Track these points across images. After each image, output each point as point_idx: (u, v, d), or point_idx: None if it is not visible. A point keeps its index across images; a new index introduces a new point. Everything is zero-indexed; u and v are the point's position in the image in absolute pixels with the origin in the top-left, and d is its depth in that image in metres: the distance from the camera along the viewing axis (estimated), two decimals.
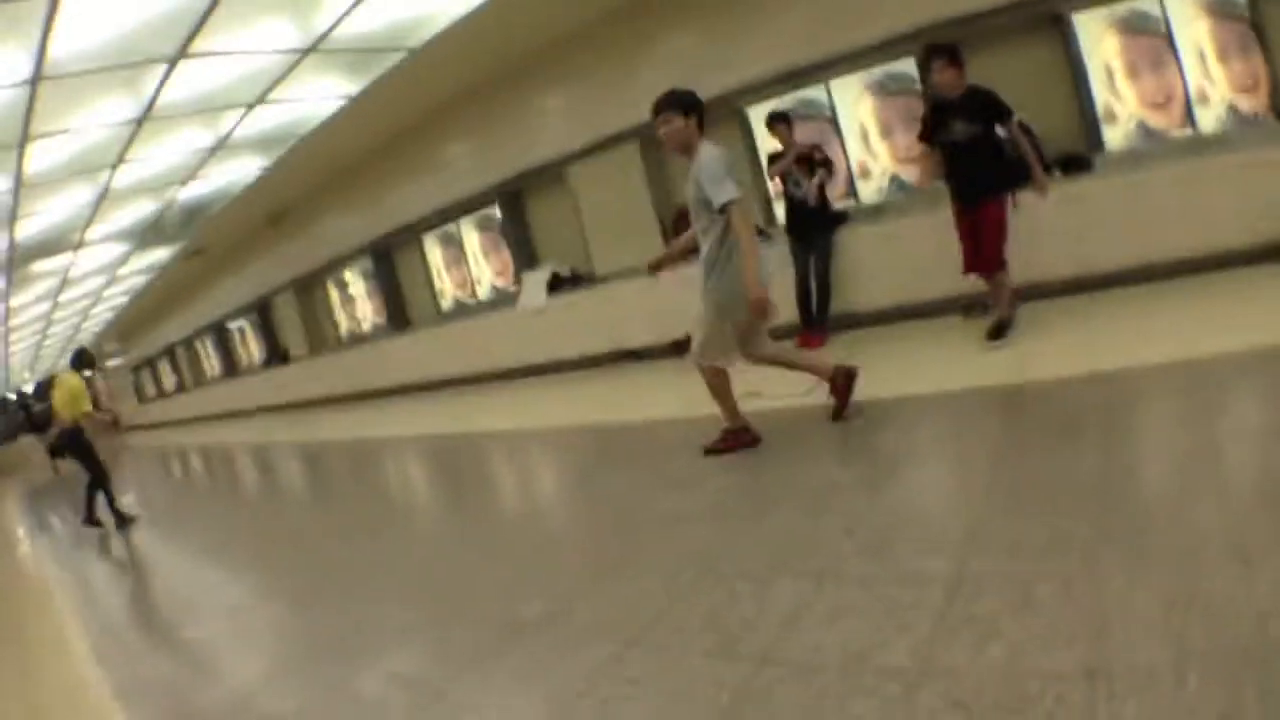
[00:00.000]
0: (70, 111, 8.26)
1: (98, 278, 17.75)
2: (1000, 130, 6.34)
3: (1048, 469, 3.59)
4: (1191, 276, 6.46)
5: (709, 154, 4.87)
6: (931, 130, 6.54)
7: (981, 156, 6.32)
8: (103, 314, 23.80)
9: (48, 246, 13.15)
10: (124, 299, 21.78)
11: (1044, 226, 6.93)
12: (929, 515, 3.63)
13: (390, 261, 15.40)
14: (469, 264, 13.76)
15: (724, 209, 4.73)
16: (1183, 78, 7.36)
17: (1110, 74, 7.67)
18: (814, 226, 8.28)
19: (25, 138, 8.47)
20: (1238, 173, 6.57)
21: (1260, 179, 6.45)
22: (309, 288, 17.76)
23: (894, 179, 8.99)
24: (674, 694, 2.59)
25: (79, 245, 13.78)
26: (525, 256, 12.60)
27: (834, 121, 9.19)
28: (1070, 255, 7.22)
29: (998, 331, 6.25)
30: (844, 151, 9.13)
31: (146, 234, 14.76)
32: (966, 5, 7.86)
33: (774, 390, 5.78)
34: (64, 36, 6.62)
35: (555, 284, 11.63)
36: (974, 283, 6.77)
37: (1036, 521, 3.05)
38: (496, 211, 12.87)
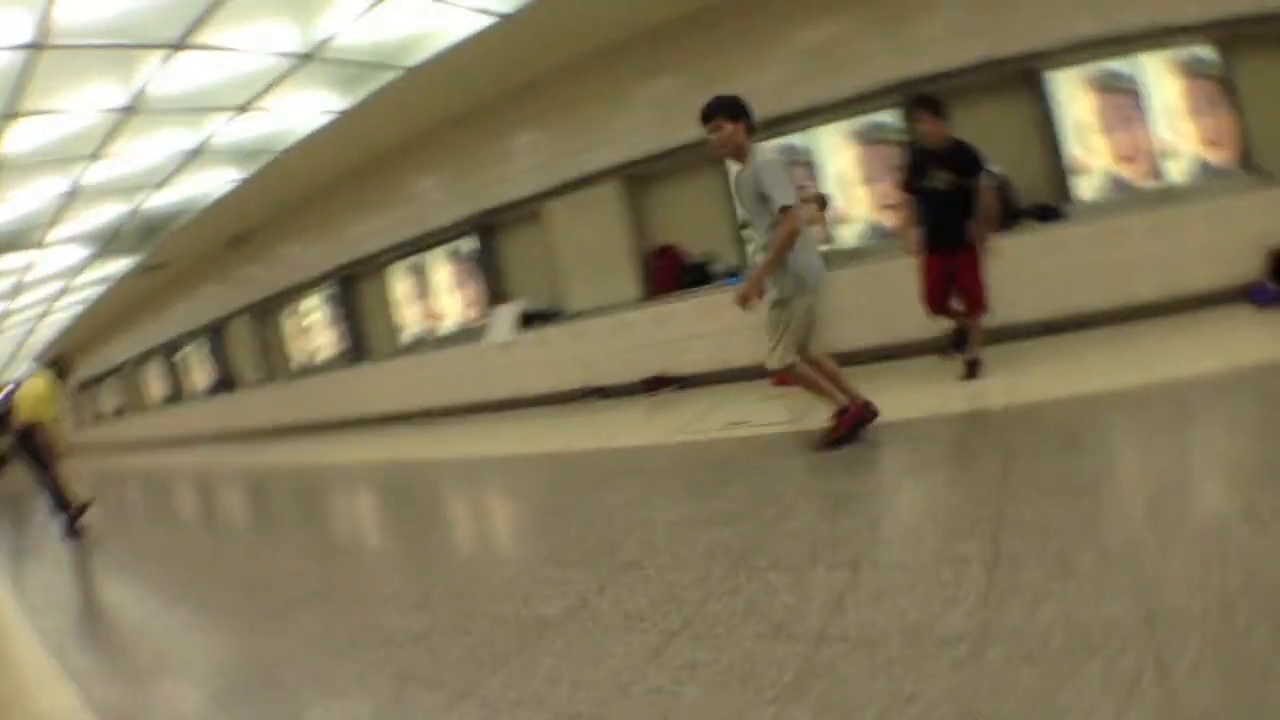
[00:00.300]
0: (61, 90, 8.11)
1: (53, 284, 17.27)
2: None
3: (1046, 468, 3.84)
4: (1163, 317, 7.04)
5: (767, 157, 5.13)
6: (913, 178, 6.86)
7: (960, 206, 6.62)
8: (52, 327, 23.10)
9: (8, 242, 12.79)
10: (77, 309, 21.18)
11: (1020, 271, 7.36)
12: (949, 508, 3.76)
13: (353, 290, 15.26)
14: (437, 296, 13.71)
15: (784, 210, 4.94)
16: (1152, 133, 7.90)
17: (1083, 129, 8.15)
18: None
19: (13, 112, 8.27)
20: (1204, 220, 7.24)
21: (1226, 225, 7.16)
22: (266, 314, 17.52)
23: (872, 224, 9.27)
24: (733, 674, 2.54)
25: (40, 244, 13.44)
26: (496, 291, 12.59)
27: (815, 167, 9.51)
28: (1044, 299, 7.68)
29: (971, 370, 6.59)
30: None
31: (110, 241, 14.49)
32: (945, 61, 8.37)
33: (761, 419, 5.95)
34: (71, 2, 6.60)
35: (526, 319, 11.66)
36: (944, 325, 7.22)
37: (1055, 507, 3.23)
38: (470, 244, 12.89)
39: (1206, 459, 3.74)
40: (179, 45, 7.74)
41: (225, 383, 19.11)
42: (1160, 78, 7.90)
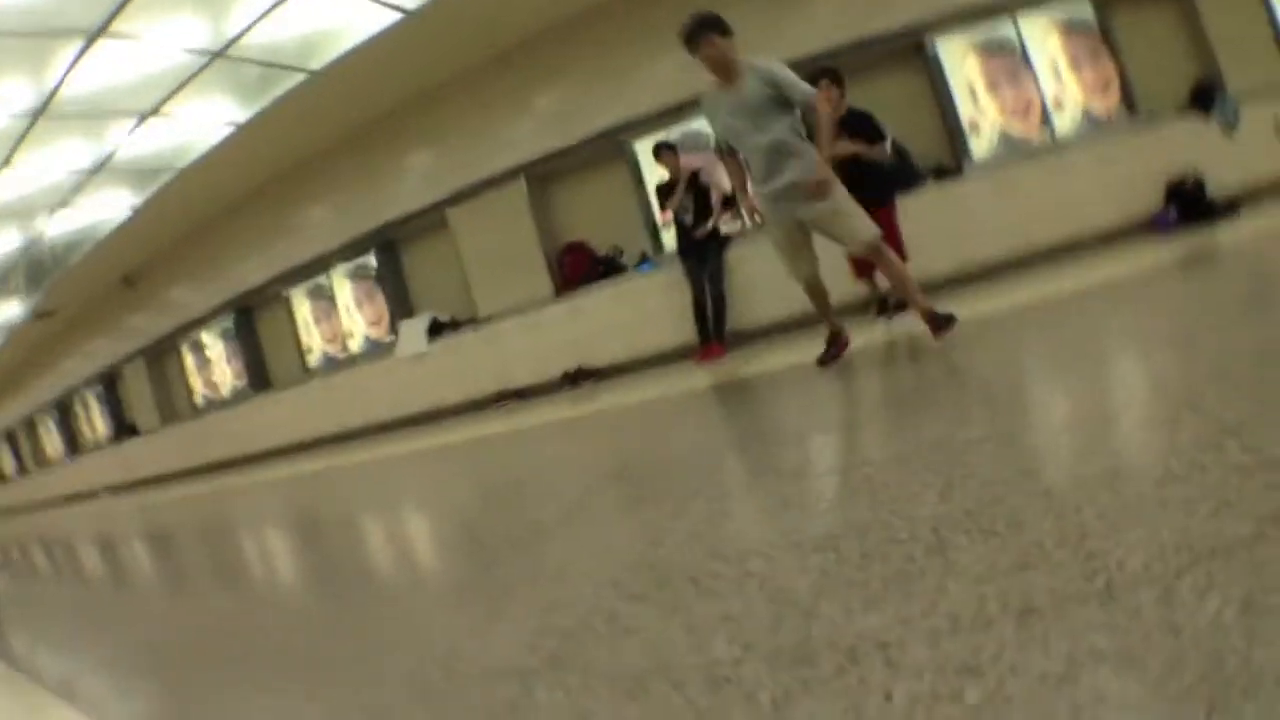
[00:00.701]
0: None
1: None
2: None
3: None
4: (1068, 257, 7.38)
5: (769, 62, 5.22)
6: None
7: (865, 170, 6.78)
8: None
9: None
10: None
11: (924, 228, 7.56)
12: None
13: (251, 319, 14.94)
14: (340, 316, 13.48)
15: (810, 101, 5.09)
16: (1039, 88, 8.44)
17: (973, 91, 8.65)
18: (704, 247, 8.69)
19: None
20: (1098, 164, 7.82)
21: (1119, 166, 7.78)
22: (161, 354, 17.06)
23: None
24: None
25: None
26: (402, 305, 12.45)
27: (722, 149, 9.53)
28: (951, 253, 7.91)
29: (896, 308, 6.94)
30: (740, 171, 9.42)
31: (3, 280, 14.09)
32: (840, 36, 8.76)
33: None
34: None
35: (435, 329, 11.52)
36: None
37: None
38: (371, 260, 12.74)
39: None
40: (92, 35, 7.65)
41: (125, 428, 18.46)
42: (1041, 36, 8.46)
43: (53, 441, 22.76)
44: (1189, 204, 7.58)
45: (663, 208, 9.07)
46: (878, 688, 1.24)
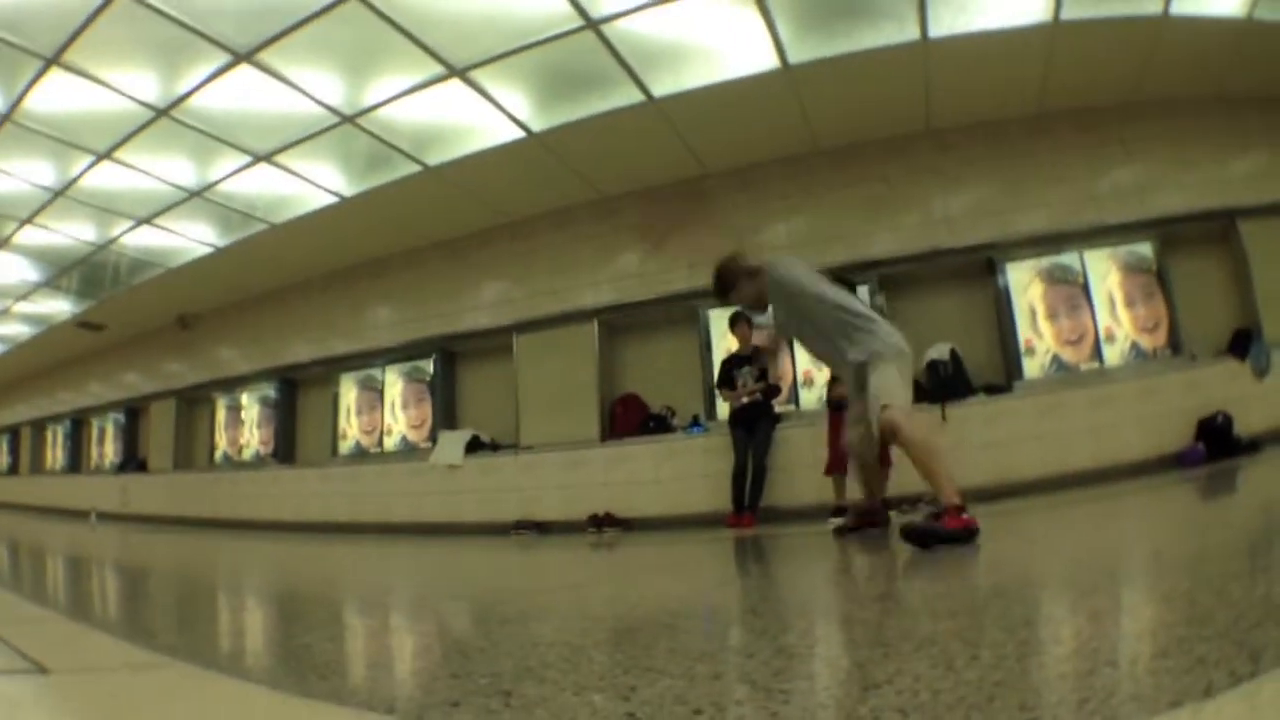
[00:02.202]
0: (119, 54, 8.02)
1: None
2: None
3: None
4: (1098, 485, 8.02)
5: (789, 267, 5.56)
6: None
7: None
8: None
9: None
10: None
11: (969, 439, 8.73)
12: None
13: (294, 392, 15.47)
14: (384, 411, 13.97)
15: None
16: (1094, 319, 9.36)
17: (1033, 314, 9.61)
18: (755, 418, 9.28)
19: (60, 52, 7.87)
20: (1138, 396, 8.73)
21: (1157, 401, 8.68)
22: (195, 401, 17.55)
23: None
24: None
25: (3, 243, 12.98)
26: (448, 415, 13.00)
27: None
28: (990, 466, 8.69)
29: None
30: (793, 360, 10.35)
31: (65, 271, 14.35)
32: (917, 245, 9.92)
33: None
34: None
35: (473, 446, 12.00)
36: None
37: None
38: (429, 366, 13.34)
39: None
40: (238, 56, 8.01)
41: (136, 462, 18.77)
42: (1102, 271, 9.48)
43: (56, 453, 23.02)
44: (1217, 440, 8.33)
45: (722, 383, 9.67)
46: None
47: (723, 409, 10.04)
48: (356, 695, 1.93)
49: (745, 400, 9.24)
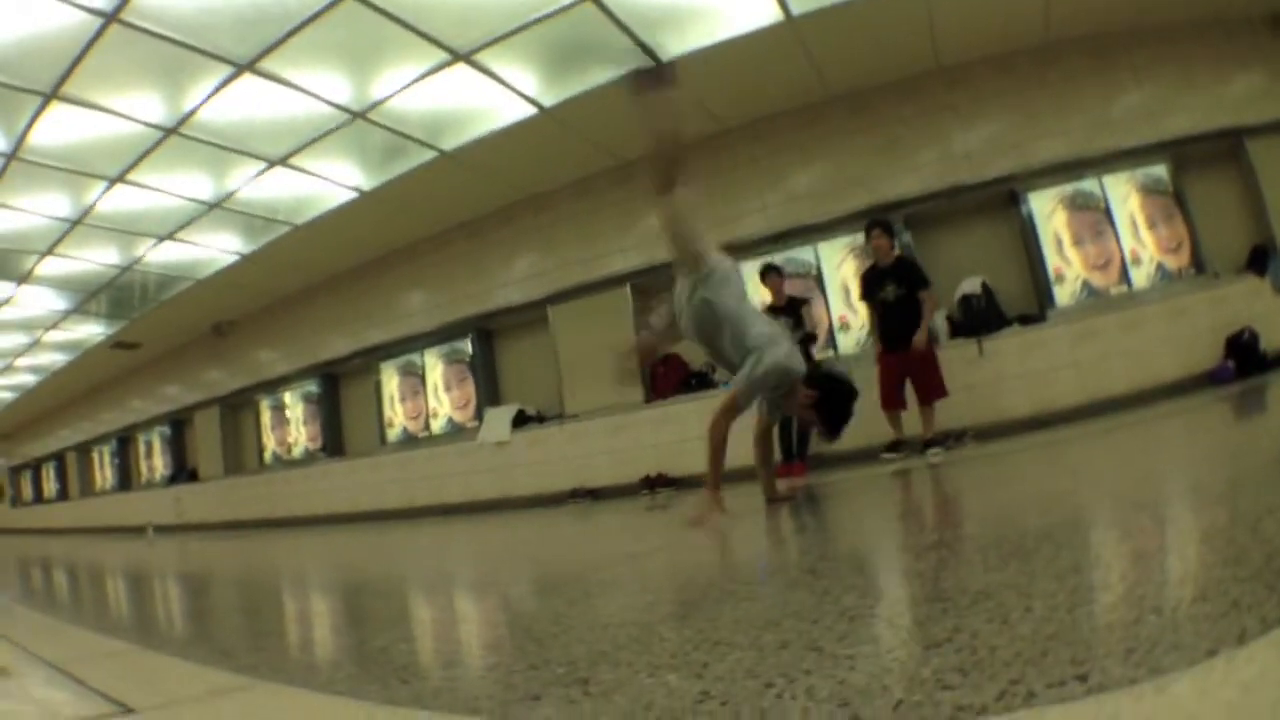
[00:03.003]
0: (122, 79, 8.14)
1: (19, 335, 16.92)
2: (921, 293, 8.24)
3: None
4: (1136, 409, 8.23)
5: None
6: (868, 290, 8.50)
7: (908, 312, 8.16)
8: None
9: None
10: (28, 380, 21.17)
11: (1007, 371, 9.03)
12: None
13: (336, 386, 15.74)
14: (428, 395, 14.19)
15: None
16: (1119, 243, 9.46)
17: (1059, 242, 9.66)
18: None
19: (58, 85, 7.96)
20: (1166, 317, 8.84)
21: (1185, 320, 8.80)
22: (238, 407, 17.86)
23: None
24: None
25: (25, 277, 13.20)
26: (491, 393, 13.23)
27: (819, 279, 10.57)
28: (1029, 396, 8.99)
29: (931, 443, 8.09)
30: (827, 306, 10.52)
31: (93, 295, 14.57)
32: (939, 183, 9.95)
33: None
34: None
35: (520, 420, 12.16)
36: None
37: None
38: (467, 346, 13.55)
39: None
40: (240, 68, 8.14)
41: (187, 472, 19.10)
42: (1122, 194, 9.58)
43: (105, 473, 23.47)
44: (1245, 356, 8.47)
45: None
46: None
47: None
48: (439, 698, 2.01)
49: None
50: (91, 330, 17.10)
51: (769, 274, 9.47)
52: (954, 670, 1.49)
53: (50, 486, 26.74)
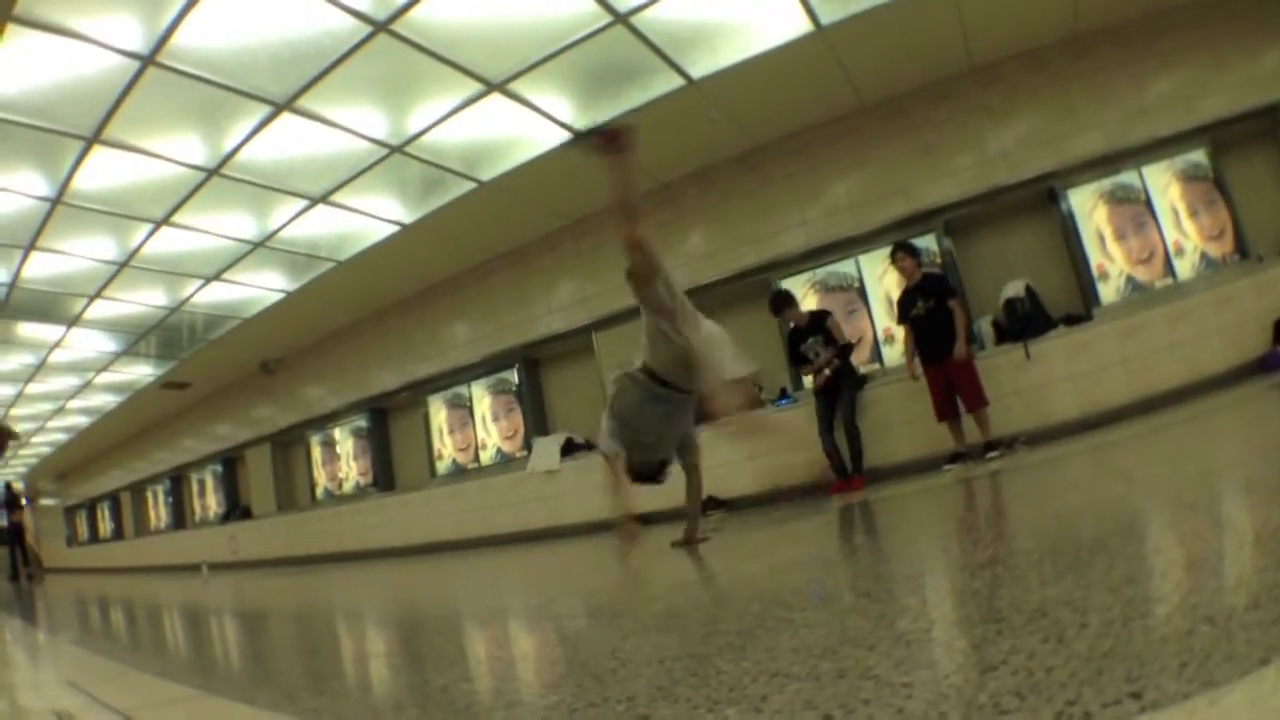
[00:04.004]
0: (154, 124, 8.32)
1: (70, 377, 17.23)
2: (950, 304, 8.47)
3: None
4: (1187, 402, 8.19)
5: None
6: (903, 312, 8.80)
7: (940, 323, 8.41)
8: (53, 435, 23.34)
9: (44, 307, 12.81)
10: (81, 421, 21.57)
11: (1054, 374, 8.95)
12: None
13: (385, 420, 15.92)
14: (476, 427, 14.29)
15: None
16: (1161, 234, 9.33)
17: (1101, 238, 9.56)
18: (836, 385, 9.36)
19: (99, 130, 8.14)
20: (1212, 307, 8.69)
21: (1232, 308, 8.66)
22: (289, 444, 18.09)
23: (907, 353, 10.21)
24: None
25: (75, 320, 13.45)
26: (539, 422, 13.31)
27: (862, 291, 10.63)
28: (1078, 398, 8.91)
29: (990, 447, 8.36)
30: (871, 319, 10.56)
31: (142, 337, 14.88)
32: (976, 187, 9.89)
33: None
34: None
35: (569, 448, 12.22)
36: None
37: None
38: (513, 376, 13.66)
39: None
40: (279, 106, 8.31)
41: (239, 509, 19.35)
42: (1162, 184, 9.45)
43: (159, 511, 23.83)
44: None
45: (795, 361, 9.91)
46: None
47: (809, 379, 10.07)
48: None
49: (828, 372, 9.25)
50: (142, 371, 17.47)
51: (782, 307, 9.68)
52: (1011, 694, 1.51)
53: (106, 526, 27.25)
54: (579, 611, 4.60)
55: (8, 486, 20.91)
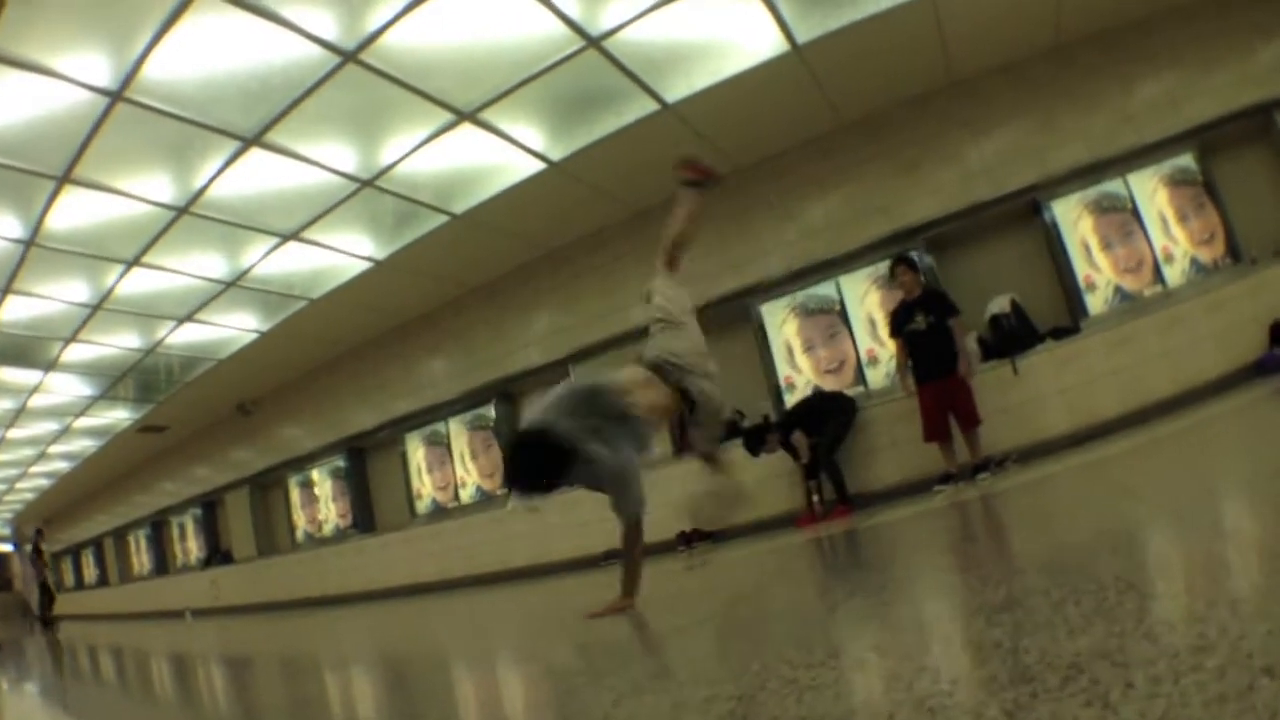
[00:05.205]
0: (125, 164, 8.27)
1: (50, 422, 17.08)
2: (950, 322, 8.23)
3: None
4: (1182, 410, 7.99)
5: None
6: (897, 325, 8.50)
7: (939, 341, 8.18)
8: (33, 482, 23.19)
9: (21, 352, 12.69)
10: (62, 466, 21.33)
11: (1044, 389, 8.75)
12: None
13: (363, 461, 15.66)
14: (454, 465, 14.03)
15: None
16: (1149, 242, 9.12)
17: (1087, 249, 9.37)
18: (821, 412, 9.42)
19: (70, 168, 8.05)
20: (1203, 313, 8.53)
21: (1225, 313, 8.48)
22: (267, 486, 17.80)
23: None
24: None
25: (52, 365, 13.34)
26: None
27: (843, 314, 10.41)
28: (1069, 412, 8.72)
29: (978, 469, 8.10)
30: (853, 340, 10.35)
31: (118, 381, 14.71)
32: (958, 203, 9.72)
33: None
34: None
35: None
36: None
37: None
38: (490, 411, 13.44)
39: None
40: (249, 141, 8.15)
41: (220, 554, 19.06)
42: (1149, 191, 9.26)
43: (142, 557, 23.49)
44: None
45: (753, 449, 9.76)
46: None
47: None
48: None
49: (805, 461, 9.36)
50: (119, 415, 17.28)
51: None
52: None
53: (90, 572, 26.93)
54: (573, 671, 4.37)
55: (38, 531, 20.87)
